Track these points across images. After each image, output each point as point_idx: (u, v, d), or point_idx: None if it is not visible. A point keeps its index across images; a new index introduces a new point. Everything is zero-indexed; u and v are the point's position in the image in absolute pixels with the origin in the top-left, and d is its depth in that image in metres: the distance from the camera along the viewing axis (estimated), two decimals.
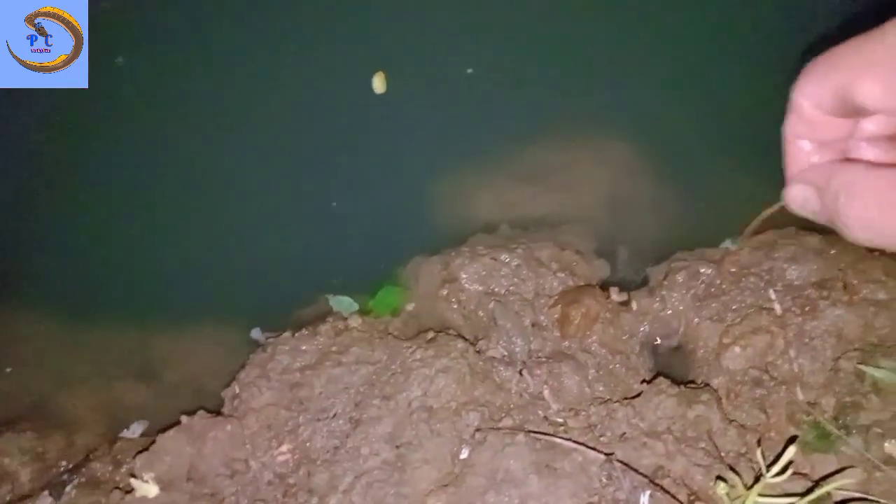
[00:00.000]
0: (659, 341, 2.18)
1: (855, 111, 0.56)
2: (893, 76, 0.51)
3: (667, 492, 1.52)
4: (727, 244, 2.28)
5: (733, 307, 2.07)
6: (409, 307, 2.34)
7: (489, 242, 2.34)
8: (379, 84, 2.56)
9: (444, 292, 2.25)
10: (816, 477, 1.67)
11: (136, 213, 2.64)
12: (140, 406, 2.36)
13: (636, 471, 1.62)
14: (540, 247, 2.30)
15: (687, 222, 2.49)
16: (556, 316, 2.12)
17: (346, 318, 2.25)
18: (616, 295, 2.25)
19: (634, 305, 2.21)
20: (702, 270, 2.17)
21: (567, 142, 2.67)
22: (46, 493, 2.22)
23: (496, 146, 2.61)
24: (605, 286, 2.28)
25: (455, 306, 2.25)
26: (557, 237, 2.38)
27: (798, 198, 0.63)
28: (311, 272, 2.46)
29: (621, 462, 1.64)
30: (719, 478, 1.53)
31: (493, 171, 2.60)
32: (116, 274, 2.59)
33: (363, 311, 2.30)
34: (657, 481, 1.64)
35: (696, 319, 2.11)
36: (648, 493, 1.63)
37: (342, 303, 2.30)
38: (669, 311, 2.16)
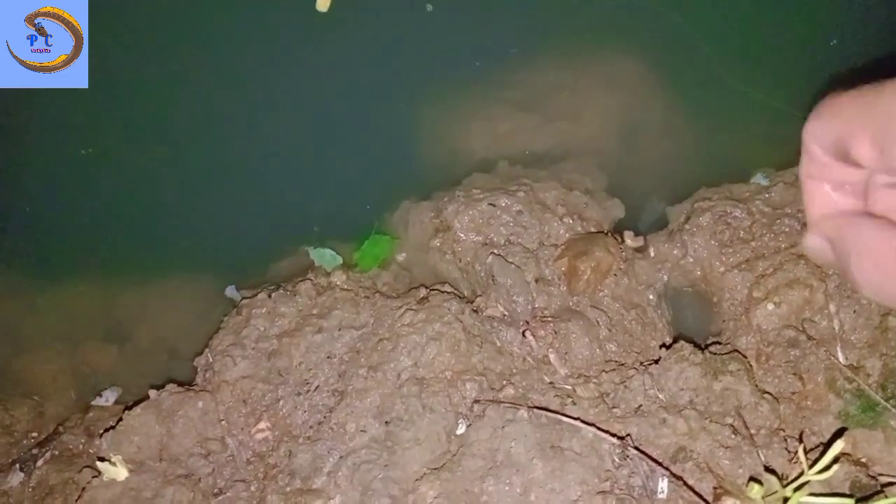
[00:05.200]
0: (679, 293, 1.95)
1: (854, 163, 0.54)
2: (884, 139, 0.49)
3: (688, 485, 1.32)
4: (759, 179, 1.99)
5: (765, 254, 1.82)
6: (400, 257, 2.10)
7: (486, 184, 2.06)
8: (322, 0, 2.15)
9: (437, 243, 2.01)
10: (860, 456, 1.47)
11: (99, 159, 2.35)
12: (111, 371, 2.18)
13: (654, 459, 1.42)
14: (544, 188, 2.02)
15: (711, 153, 2.19)
16: (562, 269, 1.87)
17: (328, 274, 2.02)
18: (631, 240, 2.00)
19: (652, 252, 1.96)
20: (729, 211, 1.90)
21: (568, 59, 2.30)
22: (17, 467, 2.08)
23: (486, 70, 2.26)
24: (618, 230, 2.03)
25: (449, 258, 2.00)
26: (563, 175, 2.10)
27: (815, 248, 0.61)
28: (289, 221, 2.21)
29: (637, 449, 1.44)
30: (753, 479, 1.32)
31: (486, 99, 2.27)
32: (78, 226, 2.34)
33: (348, 265, 2.06)
34: (677, 466, 1.44)
35: (721, 268, 1.87)
36: (668, 478, 1.44)
37: (324, 256, 2.05)
38: (691, 259, 1.91)
